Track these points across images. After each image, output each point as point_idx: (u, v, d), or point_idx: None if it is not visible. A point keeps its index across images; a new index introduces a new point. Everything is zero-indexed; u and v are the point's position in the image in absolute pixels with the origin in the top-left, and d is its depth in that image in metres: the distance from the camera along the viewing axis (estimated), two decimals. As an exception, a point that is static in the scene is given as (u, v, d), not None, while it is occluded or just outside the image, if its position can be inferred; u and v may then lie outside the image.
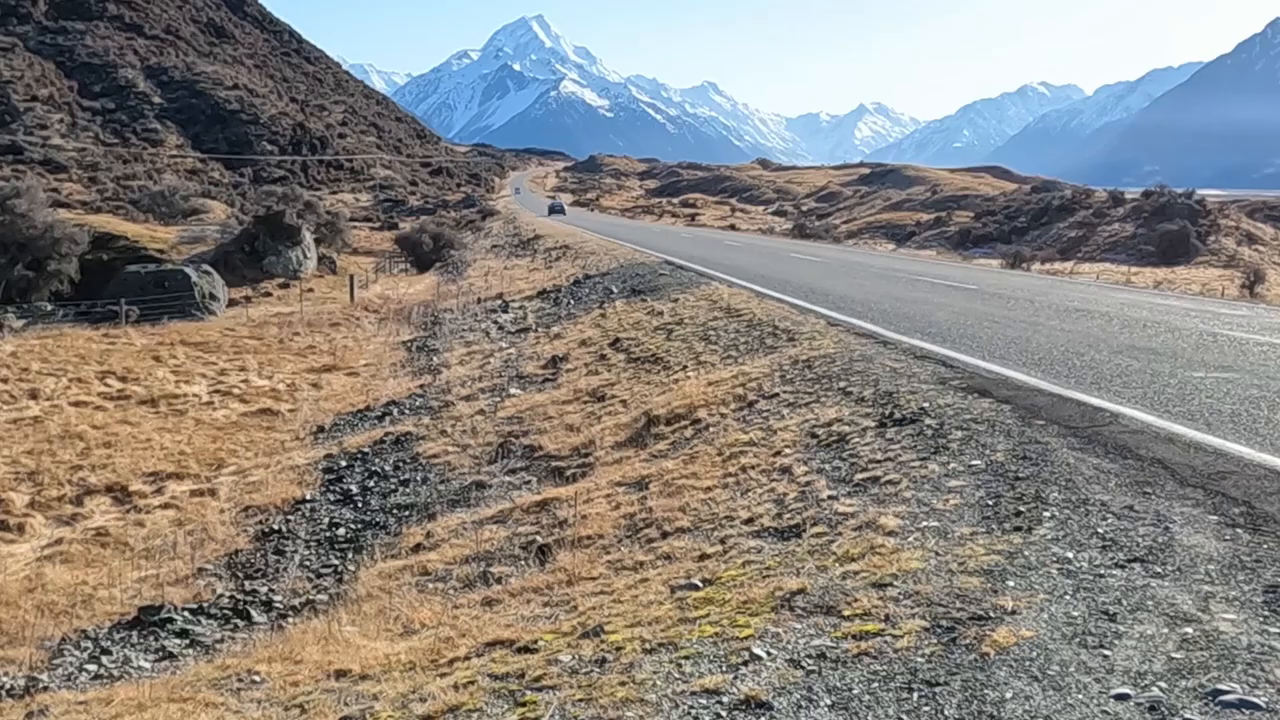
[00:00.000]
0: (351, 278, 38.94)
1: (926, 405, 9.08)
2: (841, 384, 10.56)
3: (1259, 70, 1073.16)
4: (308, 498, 13.08)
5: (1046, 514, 6.23)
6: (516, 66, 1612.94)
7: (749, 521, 7.61)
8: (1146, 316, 15.86)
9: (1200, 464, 6.93)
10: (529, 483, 11.21)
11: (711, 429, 10.51)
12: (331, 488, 13.37)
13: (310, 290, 40.41)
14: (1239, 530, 5.71)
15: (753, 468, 8.81)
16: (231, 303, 37.28)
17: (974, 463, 7.42)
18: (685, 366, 13.91)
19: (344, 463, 14.34)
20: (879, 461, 7.96)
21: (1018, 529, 6.07)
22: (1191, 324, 14.85)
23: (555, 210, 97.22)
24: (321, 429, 17.17)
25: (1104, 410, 8.51)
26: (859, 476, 7.77)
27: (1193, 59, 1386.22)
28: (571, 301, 24.89)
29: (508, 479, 11.51)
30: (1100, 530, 5.85)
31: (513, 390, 16.17)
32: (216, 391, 21.10)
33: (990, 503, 6.61)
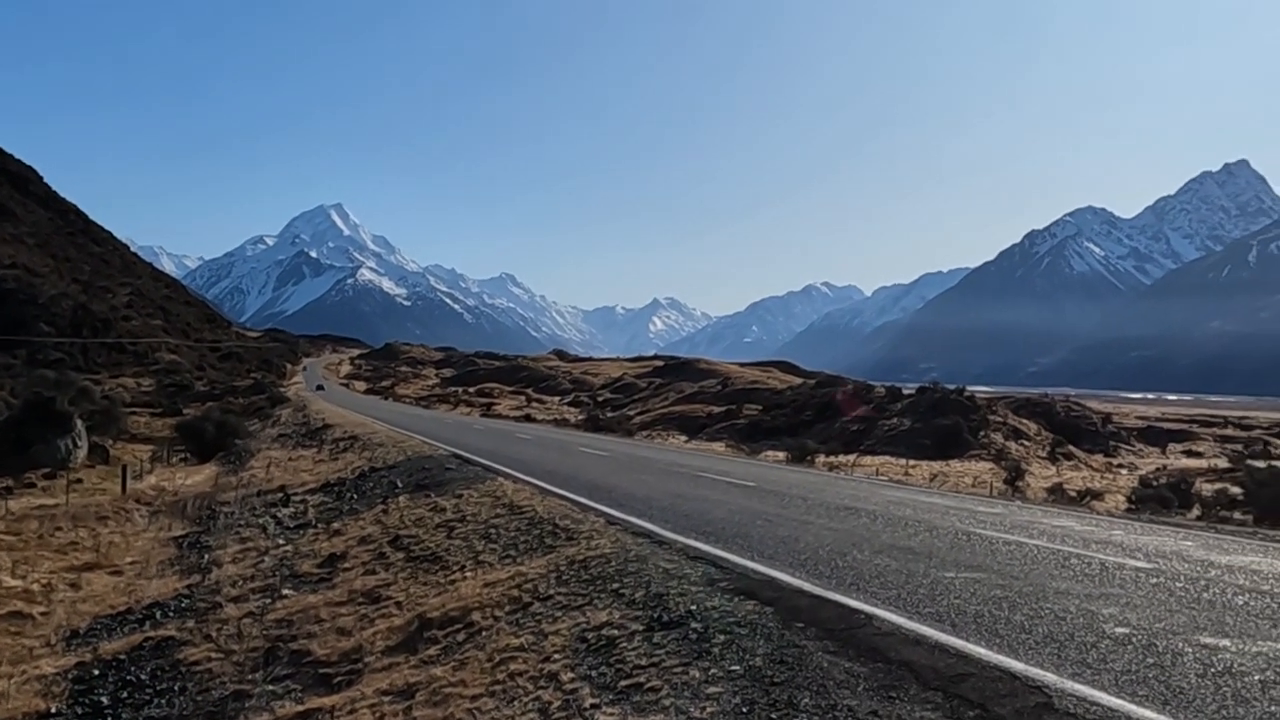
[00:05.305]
0: (124, 468, 37.18)
1: (694, 608, 9.23)
2: (615, 585, 10.65)
3: (1019, 277, 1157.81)
4: (53, 711, 12.18)
5: (797, 721, 6.38)
6: (313, 253, 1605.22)
7: (511, 733, 7.52)
8: (910, 515, 16.59)
9: (943, 666, 7.23)
10: (293, 692, 10.75)
11: (484, 633, 10.38)
12: (81, 699, 12.50)
13: (79, 481, 38.37)
14: (972, 734, 5.97)
15: (521, 674, 8.73)
16: (-9, 494, 35.00)
17: (733, 668, 7.57)
18: (464, 566, 13.77)
19: (97, 671, 13.45)
20: (644, 667, 8.02)
21: (768, 737, 6.19)
22: (950, 523, 15.60)
23: (319, 387, 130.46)
24: (76, 633, 16.11)
25: (860, 612, 8.81)
26: (623, 683, 7.80)
27: (961, 264, 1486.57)
28: (355, 496, 24.42)
29: (271, 688, 11.02)
30: (845, 737, 6.03)
31: (286, 591, 15.62)
32: (-38, 593, 19.61)
33: (745, 710, 6.74)
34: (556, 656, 8.89)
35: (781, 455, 48.32)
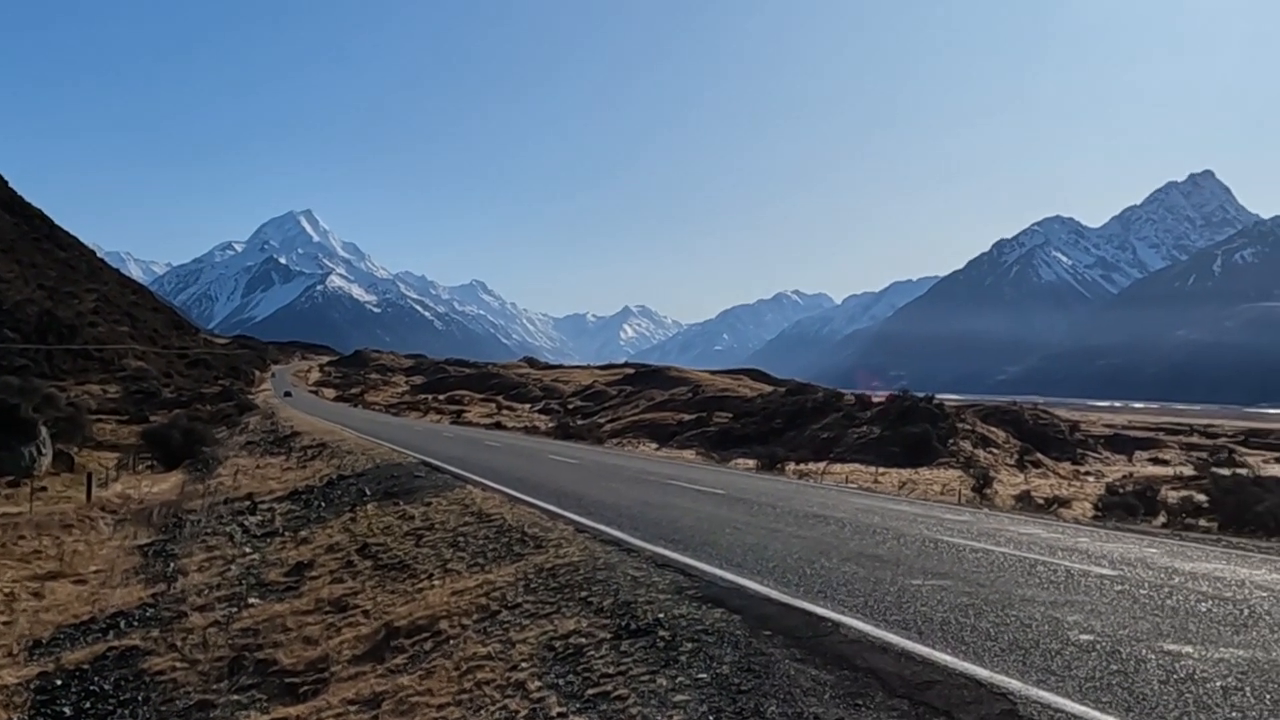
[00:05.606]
0: (89, 476, 36.87)
1: (662, 616, 9.23)
2: (583, 593, 10.63)
3: (988, 286, 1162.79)
4: (14, 722, 12.08)
5: (762, 729, 6.39)
6: (282, 260, 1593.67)
7: (477, 742, 7.49)
8: (878, 522, 16.66)
9: (909, 674, 7.26)
10: (259, 701, 10.69)
11: (452, 641, 10.34)
12: (43, 710, 12.36)
13: (43, 489, 37.98)
14: (936, 742, 5.98)
15: (488, 683, 8.70)
16: (-48, 502, 34.56)
17: (700, 676, 7.57)
18: (432, 575, 13.72)
19: (60, 681, 13.31)
20: (611, 676, 8.01)
21: (734, 746, 6.19)
22: (918, 530, 15.67)
23: (287, 394, 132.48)
24: (39, 643, 15.94)
25: (827, 620, 8.83)
26: (590, 692, 7.79)
27: (930, 273, 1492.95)
28: (323, 504, 24.30)
29: (236, 698, 10.95)
30: (810, 745, 6.03)
31: (252, 599, 15.51)
32: (-78, 603, 19.34)
33: (712, 718, 6.74)
34: (524, 665, 8.87)
35: (751, 463, 48.37)
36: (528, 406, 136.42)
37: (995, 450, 69.75)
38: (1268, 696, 6.75)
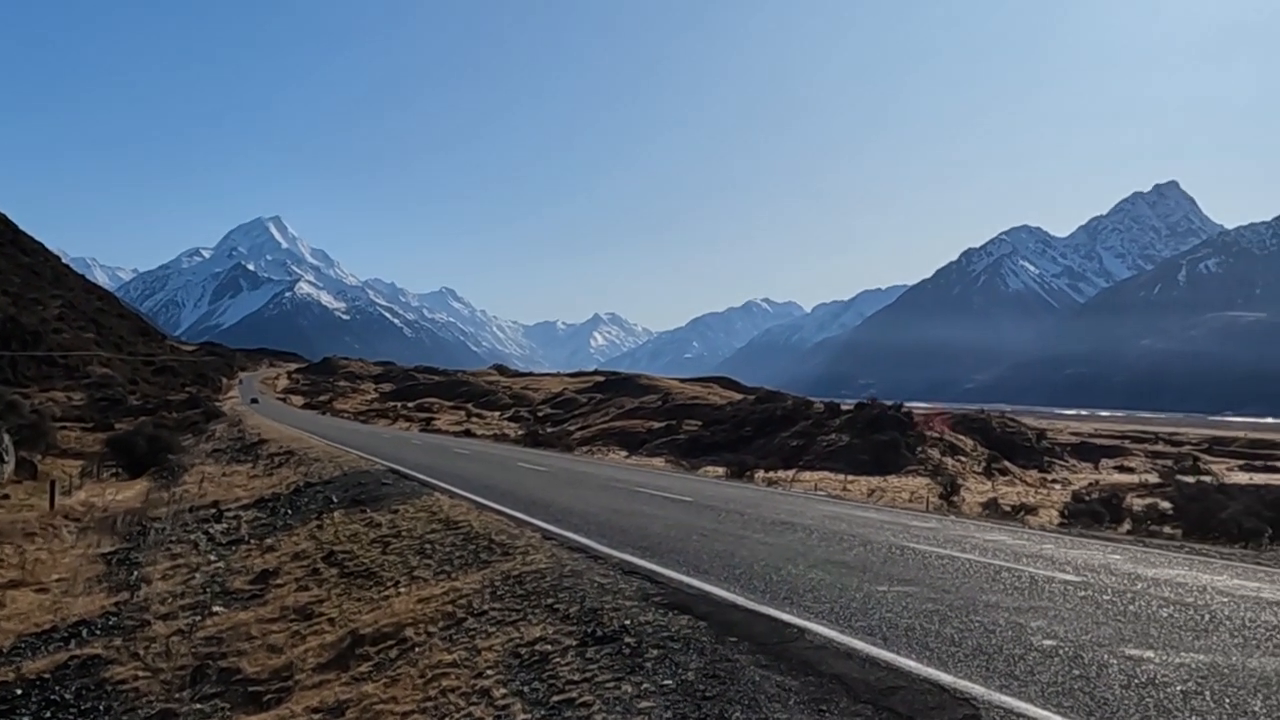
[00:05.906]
0: (52, 483, 36.46)
1: (628, 623, 9.21)
2: (549, 601, 10.60)
3: (956, 294, 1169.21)
4: (-27, 732, 11.93)
5: (727, 735, 6.39)
6: (250, 266, 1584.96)
7: (442, 750, 7.45)
8: (845, 530, 16.70)
9: (874, 679, 7.27)
10: (222, 710, 10.59)
11: (418, 649, 10.29)
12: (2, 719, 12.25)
13: (5, 497, 37.57)
14: (900, 747, 6.00)
15: (453, 690, 8.66)
16: (-88, 510, 34.12)
17: (666, 682, 7.56)
18: (398, 582, 13.64)
19: (20, 691, 13.15)
20: (576, 682, 7.99)
21: (698, 752, 6.18)
22: (884, 537, 15.72)
23: (254, 400, 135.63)
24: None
25: (793, 626, 8.84)
26: (555, 699, 7.77)
27: (899, 282, 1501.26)
28: (289, 511, 24.14)
29: (199, 707, 10.85)
30: (774, 751, 6.03)
31: (216, 608, 15.39)
32: (-119, 612, 19.06)
33: (676, 724, 6.74)
34: (489, 672, 8.83)
35: (721, 471, 48.44)
36: (497, 414, 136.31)
37: (963, 458, 70.27)
38: (1227, 700, 6.81)
